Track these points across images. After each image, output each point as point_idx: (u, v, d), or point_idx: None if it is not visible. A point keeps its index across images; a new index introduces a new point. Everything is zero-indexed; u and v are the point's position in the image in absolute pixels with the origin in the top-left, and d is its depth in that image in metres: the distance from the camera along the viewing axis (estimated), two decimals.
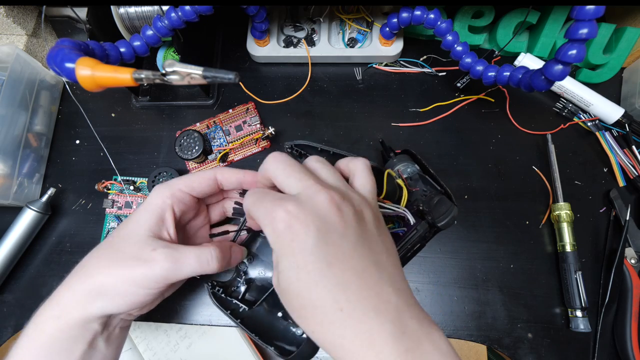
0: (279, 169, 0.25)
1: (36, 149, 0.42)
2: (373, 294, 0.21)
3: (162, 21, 0.34)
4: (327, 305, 0.21)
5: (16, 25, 0.41)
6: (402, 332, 0.20)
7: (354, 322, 0.20)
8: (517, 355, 0.36)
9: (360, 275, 0.21)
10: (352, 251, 0.22)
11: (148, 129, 0.44)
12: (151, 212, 0.29)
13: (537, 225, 0.40)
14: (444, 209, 0.30)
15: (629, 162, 0.40)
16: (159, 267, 0.27)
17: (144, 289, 0.27)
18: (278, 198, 0.23)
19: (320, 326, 0.21)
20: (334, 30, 0.46)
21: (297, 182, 0.24)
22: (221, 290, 0.32)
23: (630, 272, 0.37)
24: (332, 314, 0.21)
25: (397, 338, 0.20)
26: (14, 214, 0.39)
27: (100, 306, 0.27)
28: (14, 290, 0.40)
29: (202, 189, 0.31)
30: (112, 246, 0.29)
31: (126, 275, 0.27)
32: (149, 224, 0.29)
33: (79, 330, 0.27)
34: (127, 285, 0.27)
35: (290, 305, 0.23)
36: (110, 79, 0.25)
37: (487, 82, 0.36)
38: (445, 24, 0.36)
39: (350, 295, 0.21)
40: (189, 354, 0.64)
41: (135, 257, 0.27)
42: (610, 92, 0.43)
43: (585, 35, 0.27)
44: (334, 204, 0.22)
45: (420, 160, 0.34)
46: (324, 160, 0.27)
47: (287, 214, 0.22)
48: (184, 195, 0.31)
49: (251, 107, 0.43)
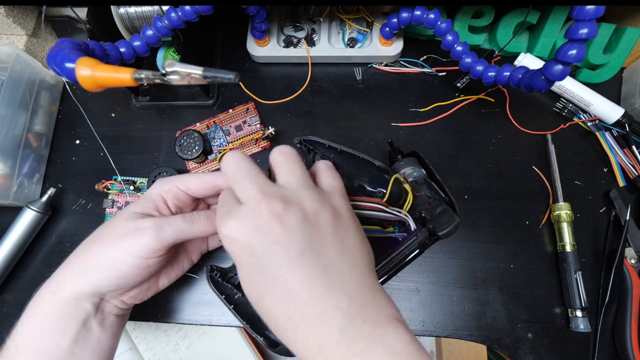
0: (231, 170, 0.26)
1: (36, 149, 0.42)
2: (320, 302, 0.21)
3: (162, 21, 0.34)
4: (278, 314, 0.22)
5: (16, 25, 0.41)
6: (351, 337, 0.21)
7: (303, 330, 0.21)
8: (517, 355, 0.36)
9: (306, 284, 0.22)
10: (297, 261, 0.22)
11: (148, 129, 0.44)
12: (146, 199, 0.31)
13: (537, 225, 0.40)
14: (447, 218, 0.30)
15: (629, 162, 0.40)
16: (148, 232, 0.28)
17: (132, 258, 0.28)
18: (225, 212, 0.24)
19: (276, 332, 0.23)
20: (334, 30, 0.46)
21: (243, 191, 0.24)
22: (219, 274, 0.33)
23: (630, 272, 0.37)
24: (283, 321, 0.22)
25: (344, 344, 0.20)
26: (14, 214, 0.39)
27: (90, 281, 0.28)
28: (14, 290, 0.40)
29: (199, 191, 0.31)
30: (107, 225, 0.30)
31: (116, 245, 0.28)
32: (143, 206, 0.30)
33: (71, 308, 0.28)
34: (115, 254, 0.28)
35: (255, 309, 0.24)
36: (110, 79, 0.25)
37: (487, 82, 0.36)
38: (445, 24, 0.36)
39: (298, 304, 0.21)
40: (189, 354, 0.64)
41: (125, 229, 0.29)
42: (610, 92, 0.43)
43: (585, 35, 0.27)
44: (275, 215, 0.22)
45: (428, 165, 0.34)
46: (290, 152, 0.27)
47: (229, 231, 0.23)
48: (180, 193, 0.31)
49: (251, 107, 0.43)
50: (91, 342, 0.29)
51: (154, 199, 0.31)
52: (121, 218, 0.30)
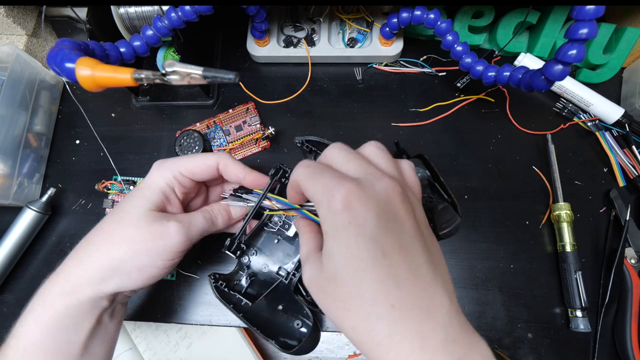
0: (340, 155, 0.23)
1: (36, 149, 0.42)
2: (427, 295, 0.20)
3: (162, 21, 0.34)
4: (378, 298, 0.19)
5: (16, 25, 0.41)
6: (454, 340, 0.19)
7: (405, 322, 0.19)
8: (517, 355, 0.36)
9: (415, 272, 0.20)
10: (409, 244, 0.20)
11: (148, 129, 0.44)
12: (155, 191, 0.30)
13: (537, 225, 0.40)
14: (448, 217, 0.29)
15: (629, 162, 0.40)
16: (176, 235, 0.28)
17: (163, 261, 0.28)
18: (338, 176, 0.21)
19: (364, 321, 0.20)
20: (334, 30, 0.46)
21: (359, 167, 0.22)
22: (224, 284, 0.32)
23: (630, 272, 0.37)
24: (382, 309, 0.19)
25: (448, 346, 0.19)
26: (14, 214, 0.39)
27: (116, 283, 0.27)
28: (14, 290, 0.40)
29: (203, 175, 0.31)
30: (120, 222, 0.29)
31: (146, 248, 0.27)
32: (155, 200, 0.29)
33: (88, 307, 0.27)
34: (146, 258, 0.28)
35: (332, 294, 0.21)
36: (110, 79, 0.25)
37: (487, 82, 0.36)
38: (445, 24, 0.36)
39: (404, 291, 0.19)
40: (189, 354, 0.64)
41: (150, 230, 0.28)
42: (610, 92, 0.43)
43: (585, 35, 0.27)
44: (397, 191, 0.21)
45: (433, 168, 0.33)
46: (382, 146, 0.25)
47: (348, 192, 0.20)
48: (184, 179, 0.31)
49: (251, 107, 0.43)
50: (102, 334, 0.29)
51: (164, 190, 0.30)
52: (139, 215, 0.28)
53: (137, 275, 0.28)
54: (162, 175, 0.30)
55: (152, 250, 0.28)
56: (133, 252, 0.27)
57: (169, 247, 0.28)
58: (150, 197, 0.29)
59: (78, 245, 0.29)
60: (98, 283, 0.27)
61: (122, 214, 0.29)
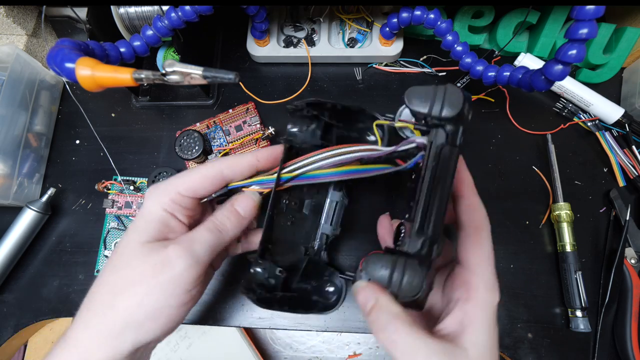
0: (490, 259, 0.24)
1: (36, 149, 0.42)
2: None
3: (162, 21, 0.34)
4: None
5: (16, 25, 0.41)
6: None
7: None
8: (517, 355, 0.36)
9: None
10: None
11: (148, 129, 0.44)
12: (150, 221, 0.25)
13: (537, 225, 0.40)
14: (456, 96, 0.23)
15: (629, 162, 0.40)
16: (180, 261, 0.23)
17: (175, 297, 0.24)
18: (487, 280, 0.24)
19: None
20: (334, 30, 0.46)
21: (486, 277, 0.24)
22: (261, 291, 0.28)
23: (630, 272, 0.37)
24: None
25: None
26: (14, 214, 0.39)
27: (131, 339, 0.23)
28: (14, 290, 0.40)
29: (205, 189, 0.26)
30: (116, 266, 0.25)
31: (150, 288, 0.23)
32: (150, 231, 0.25)
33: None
34: (153, 300, 0.23)
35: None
36: (110, 79, 0.25)
37: (487, 82, 0.36)
38: (445, 24, 0.36)
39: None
40: (189, 354, 0.64)
41: (147, 266, 0.23)
42: (610, 92, 0.43)
43: (585, 35, 0.27)
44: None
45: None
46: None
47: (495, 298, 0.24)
48: (185, 200, 0.26)
49: (251, 107, 0.43)
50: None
51: (161, 218, 0.25)
52: (134, 252, 0.24)
53: (152, 324, 0.23)
54: (158, 201, 0.25)
55: (156, 288, 0.23)
56: (137, 297, 0.23)
57: (175, 278, 0.23)
58: (145, 229, 0.25)
59: (82, 303, 0.25)
60: (110, 345, 0.23)
61: (117, 256, 0.25)
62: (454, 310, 0.23)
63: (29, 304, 0.39)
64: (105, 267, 0.25)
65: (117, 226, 0.41)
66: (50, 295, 0.39)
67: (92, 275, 0.40)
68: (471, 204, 0.25)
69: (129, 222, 0.41)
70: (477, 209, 0.25)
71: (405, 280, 0.20)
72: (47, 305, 0.39)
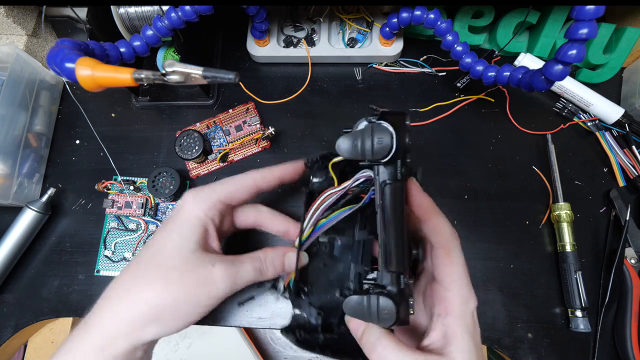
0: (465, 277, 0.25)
1: (36, 149, 0.42)
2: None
3: (162, 21, 0.34)
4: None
5: (16, 25, 0.41)
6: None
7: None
8: (517, 355, 0.36)
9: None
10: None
11: (148, 129, 0.44)
12: (195, 225, 0.27)
13: (537, 225, 0.40)
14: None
15: (629, 162, 0.40)
16: (222, 284, 0.26)
17: (204, 308, 0.26)
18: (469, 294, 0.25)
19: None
20: (334, 30, 0.46)
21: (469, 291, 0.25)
22: (303, 333, 0.29)
23: (630, 272, 0.37)
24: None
25: None
26: (14, 214, 0.39)
27: (155, 331, 0.25)
28: (14, 290, 0.40)
29: (242, 198, 0.29)
30: (160, 265, 0.26)
31: (189, 295, 0.25)
32: (196, 237, 0.27)
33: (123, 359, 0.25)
34: (189, 305, 0.25)
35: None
36: (110, 79, 0.25)
37: (487, 82, 0.36)
38: (445, 24, 0.36)
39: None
40: (189, 354, 0.64)
41: (194, 276, 0.25)
42: (610, 92, 0.43)
43: (585, 35, 0.27)
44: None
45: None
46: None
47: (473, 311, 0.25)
48: (222, 206, 0.28)
49: (251, 107, 0.43)
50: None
51: (204, 223, 0.27)
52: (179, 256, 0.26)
53: (175, 323, 0.25)
54: (200, 206, 0.27)
55: (193, 298, 0.25)
56: (174, 300, 0.25)
57: (212, 295, 0.26)
58: (192, 235, 0.27)
59: (108, 291, 0.26)
60: (135, 333, 0.24)
61: (160, 256, 0.26)
62: (437, 325, 0.25)
63: (29, 304, 0.39)
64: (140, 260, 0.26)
65: (117, 226, 0.41)
66: (50, 295, 0.39)
67: (92, 275, 0.40)
68: (435, 225, 0.26)
69: (129, 222, 0.41)
70: (441, 229, 0.26)
71: (380, 314, 0.23)
72: (47, 305, 0.39)
